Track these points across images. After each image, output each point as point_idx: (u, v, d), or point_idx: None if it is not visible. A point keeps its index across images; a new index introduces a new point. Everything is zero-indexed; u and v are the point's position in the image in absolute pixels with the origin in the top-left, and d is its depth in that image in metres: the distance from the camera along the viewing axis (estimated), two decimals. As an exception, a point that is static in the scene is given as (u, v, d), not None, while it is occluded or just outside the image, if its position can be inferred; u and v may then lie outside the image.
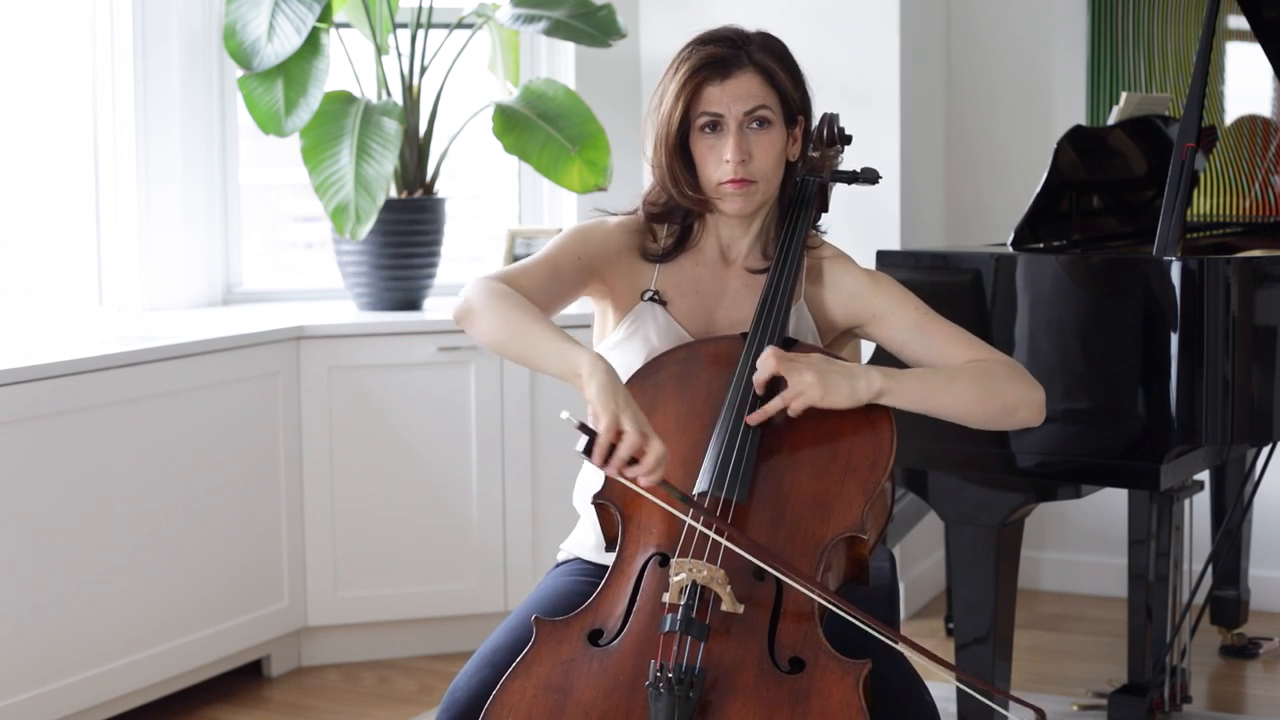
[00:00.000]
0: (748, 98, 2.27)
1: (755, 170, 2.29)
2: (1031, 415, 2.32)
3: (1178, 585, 3.59)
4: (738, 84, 2.27)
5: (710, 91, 2.27)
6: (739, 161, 2.27)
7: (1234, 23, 4.48)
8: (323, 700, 3.94)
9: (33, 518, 3.42)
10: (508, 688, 2.09)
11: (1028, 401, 2.30)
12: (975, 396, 2.27)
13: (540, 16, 4.21)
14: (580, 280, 2.36)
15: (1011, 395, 2.29)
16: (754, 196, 2.31)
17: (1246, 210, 4.48)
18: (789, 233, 2.36)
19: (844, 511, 2.14)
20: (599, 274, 2.38)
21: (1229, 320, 2.94)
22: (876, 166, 2.53)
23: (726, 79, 2.27)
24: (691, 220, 2.39)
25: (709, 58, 2.27)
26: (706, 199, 2.32)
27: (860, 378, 2.21)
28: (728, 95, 2.27)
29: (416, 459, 4.13)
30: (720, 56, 2.27)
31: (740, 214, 2.33)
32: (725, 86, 2.27)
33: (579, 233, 2.37)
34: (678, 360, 2.29)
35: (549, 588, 2.37)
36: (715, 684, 2.04)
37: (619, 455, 2.06)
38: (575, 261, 2.34)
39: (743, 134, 2.27)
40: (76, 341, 3.72)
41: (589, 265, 2.36)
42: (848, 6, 4.41)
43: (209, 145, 4.40)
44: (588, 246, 2.36)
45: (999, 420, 2.30)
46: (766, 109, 2.28)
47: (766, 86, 2.28)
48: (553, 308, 2.33)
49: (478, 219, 5.01)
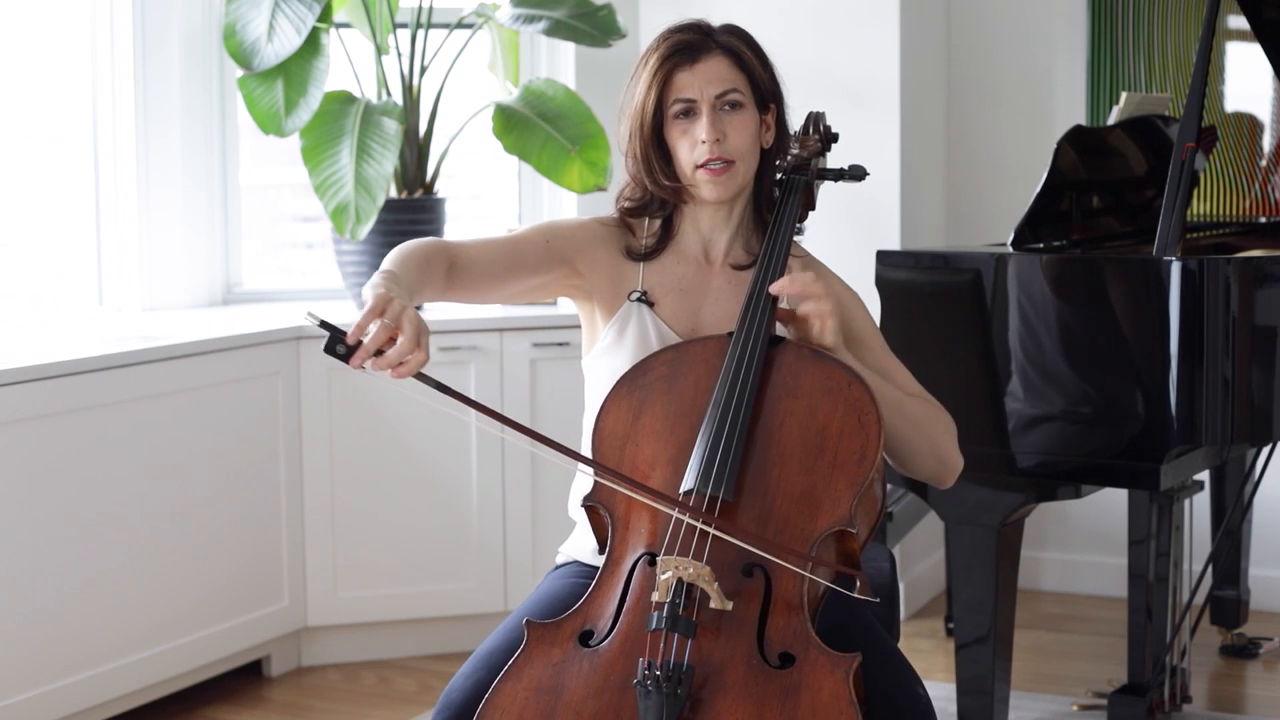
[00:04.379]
0: (718, 80, 2.30)
1: (731, 149, 2.30)
2: (945, 474, 2.36)
3: (1178, 585, 3.59)
4: (707, 67, 2.30)
5: (681, 77, 2.30)
6: (714, 140, 2.29)
7: (1234, 23, 4.48)
8: (323, 700, 3.94)
9: (33, 518, 3.42)
10: (499, 691, 2.09)
11: (950, 459, 2.35)
12: (913, 424, 2.30)
13: (540, 16, 4.21)
14: (545, 264, 2.37)
15: (942, 445, 2.34)
16: (732, 180, 2.32)
17: (1246, 210, 4.48)
18: (774, 229, 2.37)
19: (832, 506, 2.15)
20: (569, 262, 2.38)
21: (1229, 320, 2.94)
22: (877, 166, 2.55)
23: (696, 63, 2.30)
24: (670, 213, 2.40)
25: (677, 45, 2.31)
26: (683, 187, 2.34)
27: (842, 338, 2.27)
28: (698, 79, 2.29)
29: (416, 459, 4.13)
30: (688, 42, 2.31)
31: (719, 199, 2.34)
32: (695, 71, 2.29)
33: (548, 222, 2.43)
34: (665, 362, 2.30)
35: (547, 589, 2.38)
36: (705, 681, 2.05)
37: (365, 346, 2.02)
38: (543, 246, 2.37)
39: (716, 115, 2.30)
40: (76, 341, 3.72)
41: (557, 251, 2.37)
42: (848, 6, 4.42)
43: (209, 145, 4.40)
44: (556, 234, 2.39)
45: (917, 458, 2.32)
46: (737, 91, 2.31)
47: (736, 69, 2.31)
48: (505, 281, 2.33)
49: (478, 219, 5.01)
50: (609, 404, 2.27)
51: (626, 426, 2.24)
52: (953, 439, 2.36)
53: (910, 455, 2.32)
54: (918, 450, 2.32)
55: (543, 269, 2.37)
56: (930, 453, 2.33)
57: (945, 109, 4.78)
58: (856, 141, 3.10)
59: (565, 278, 2.40)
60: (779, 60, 2.39)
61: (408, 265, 2.18)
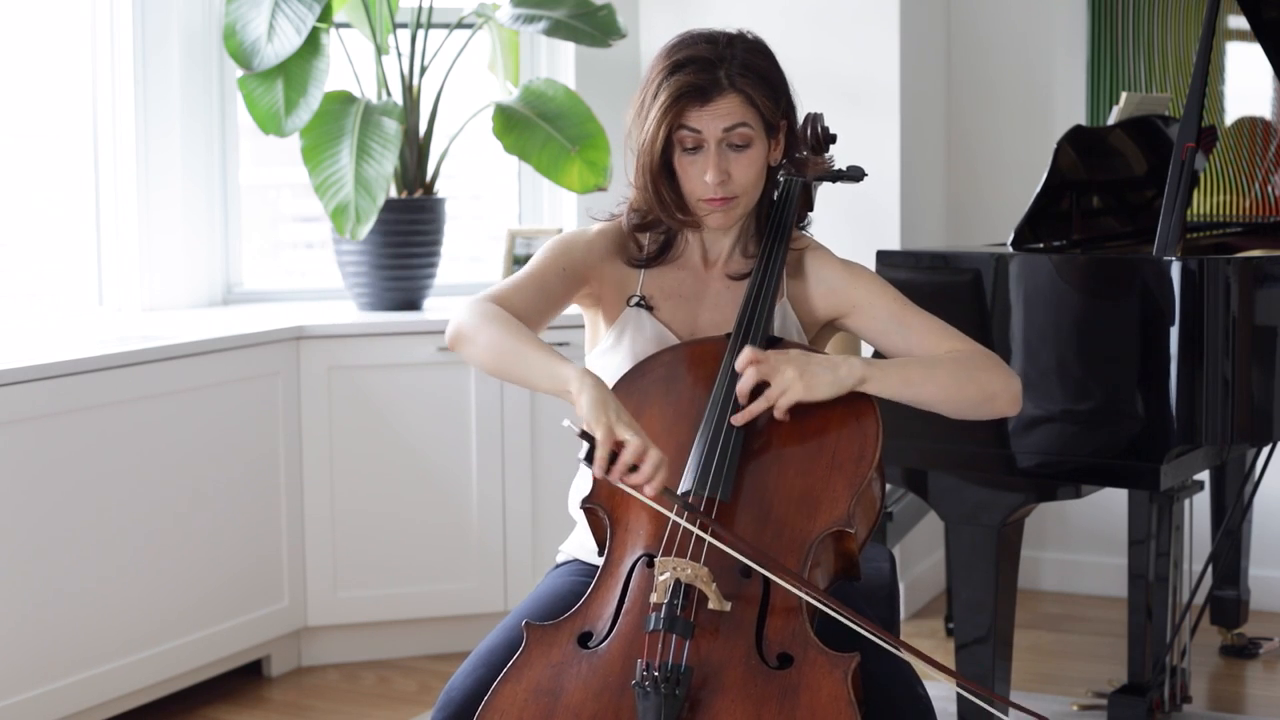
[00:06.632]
0: (728, 117, 2.28)
1: (735, 188, 2.31)
2: (1008, 404, 2.34)
3: (1178, 585, 3.59)
4: (717, 107, 2.28)
5: (691, 114, 2.28)
6: (719, 182, 2.29)
7: (1234, 23, 4.48)
8: (323, 700, 3.94)
9: (33, 518, 3.42)
10: (498, 693, 2.09)
11: (1005, 389, 2.33)
12: (955, 384, 2.30)
13: (540, 16, 4.21)
14: (567, 291, 2.40)
15: (990, 384, 2.32)
16: (734, 212, 2.34)
17: (1246, 210, 4.47)
18: (772, 232, 2.38)
19: (830, 506, 2.15)
20: (585, 281, 2.41)
21: (1229, 320, 2.94)
22: (877, 166, 2.55)
23: (706, 104, 2.28)
24: (674, 232, 2.42)
25: (686, 87, 2.27)
26: (691, 218, 2.35)
27: (841, 366, 2.23)
28: (707, 116, 2.28)
29: (416, 459, 4.13)
30: (698, 85, 2.27)
31: (721, 227, 2.37)
32: (705, 110, 2.28)
33: (562, 244, 2.41)
34: (663, 363, 2.31)
35: (547, 589, 2.38)
36: (704, 682, 2.05)
37: (621, 462, 2.09)
38: (560, 274, 2.38)
39: (722, 153, 2.29)
40: (76, 341, 3.72)
41: (574, 274, 2.39)
42: (848, 6, 4.42)
43: (209, 145, 4.40)
44: (571, 257, 2.40)
45: (977, 408, 2.33)
46: (746, 127, 2.29)
47: (746, 105, 2.29)
48: (543, 320, 2.36)
49: (478, 219, 5.01)
50: (608, 405, 2.27)
51: None
52: (995, 371, 2.33)
53: (967, 411, 2.33)
54: (968, 400, 2.31)
55: (565, 297, 2.40)
56: (981, 398, 2.32)
57: (945, 109, 4.78)
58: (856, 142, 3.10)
59: (581, 295, 2.43)
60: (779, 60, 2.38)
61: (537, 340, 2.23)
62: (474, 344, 2.26)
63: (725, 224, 2.35)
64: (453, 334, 2.30)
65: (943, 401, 2.31)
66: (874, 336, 2.40)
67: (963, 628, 3.17)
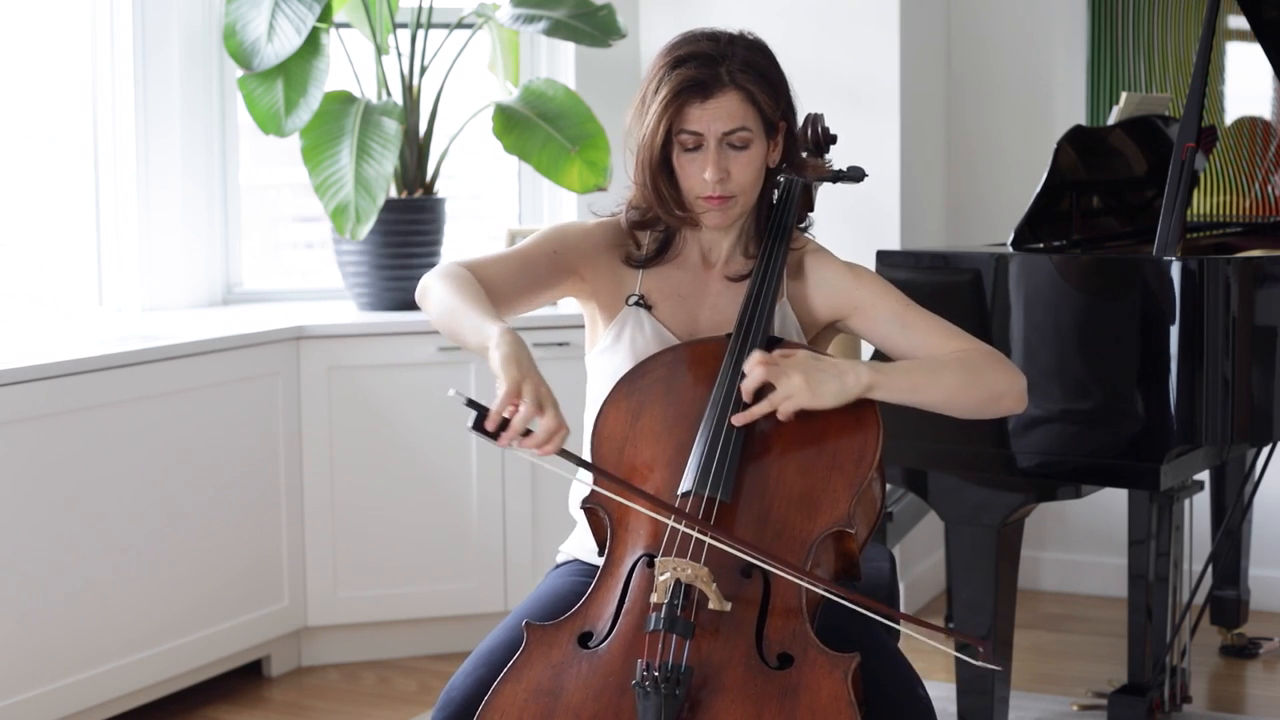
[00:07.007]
0: (728, 118, 2.27)
1: (733, 187, 2.31)
2: (1015, 402, 2.34)
3: (1178, 585, 3.59)
4: (718, 104, 2.27)
5: (691, 112, 2.27)
6: (717, 180, 2.29)
7: (1234, 23, 4.48)
8: (323, 700, 3.94)
9: (33, 518, 3.42)
10: (499, 693, 2.09)
11: (1011, 388, 2.33)
12: (961, 385, 2.29)
13: (540, 16, 4.21)
14: (553, 276, 2.39)
15: (996, 383, 2.31)
16: (732, 211, 2.33)
17: (1246, 210, 4.48)
18: (772, 233, 2.38)
19: (831, 507, 2.15)
20: (576, 271, 2.40)
21: (1229, 320, 2.94)
22: (877, 166, 2.54)
23: (707, 100, 2.27)
24: (673, 230, 2.41)
25: (688, 81, 2.27)
26: (690, 215, 2.34)
27: (848, 373, 2.22)
28: (708, 114, 2.27)
29: (416, 459, 4.13)
30: (699, 80, 2.27)
31: (719, 226, 2.36)
32: (705, 107, 2.27)
33: (557, 229, 2.42)
34: (664, 363, 2.30)
35: (547, 588, 2.38)
36: (704, 682, 2.05)
37: (513, 426, 2.06)
38: (550, 256, 2.38)
39: (721, 152, 2.29)
40: (76, 341, 3.72)
41: (564, 261, 2.38)
42: (848, 6, 4.42)
43: (209, 145, 4.40)
44: (563, 243, 2.39)
45: (984, 409, 2.33)
46: (746, 129, 2.29)
47: (747, 104, 2.29)
48: (520, 299, 2.36)
49: (478, 219, 5.01)
50: (608, 406, 2.27)
51: (625, 429, 2.24)
52: (1000, 370, 2.33)
53: (973, 412, 2.33)
54: (975, 401, 2.31)
55: (552, 282, 2.39)
56: (987, 398, 2.32)
57: (945, 109, 4.78)
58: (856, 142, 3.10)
59: (571, 284, 2.42)
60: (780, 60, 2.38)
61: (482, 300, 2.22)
62: (428, 300, 2.29)
63: (722, 223, 2.35)
64: (420, 288, 2.33)
65: (949, 404, 2.31)
66: (876, 338, 2.39)
67: (963, 628, 3.17)
